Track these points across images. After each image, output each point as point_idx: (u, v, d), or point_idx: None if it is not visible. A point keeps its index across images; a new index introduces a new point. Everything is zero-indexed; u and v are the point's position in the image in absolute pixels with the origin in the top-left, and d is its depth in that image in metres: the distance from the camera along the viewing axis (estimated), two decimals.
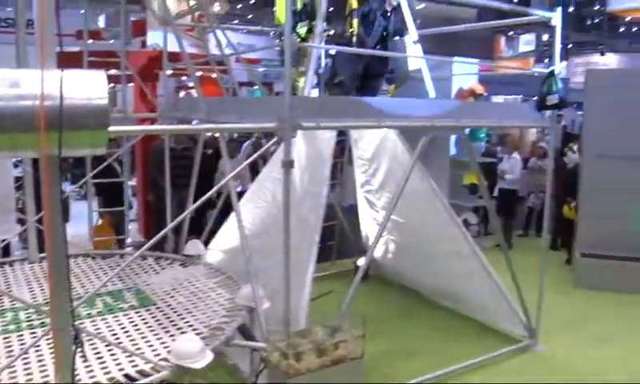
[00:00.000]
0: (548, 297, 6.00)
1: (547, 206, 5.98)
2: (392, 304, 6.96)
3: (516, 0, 11.55)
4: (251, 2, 26.15)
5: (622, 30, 31.27)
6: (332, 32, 5.75)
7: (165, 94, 7.14)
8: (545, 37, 21.55)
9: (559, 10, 5.70)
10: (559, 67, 5.91)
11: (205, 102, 5.10)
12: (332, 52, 5.39)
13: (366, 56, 4.98)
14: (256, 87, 14.48)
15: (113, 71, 7.09)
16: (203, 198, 3.94)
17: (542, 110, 5.64)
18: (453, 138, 8.49)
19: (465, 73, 7.92)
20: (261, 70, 16.13)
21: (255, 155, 4.41)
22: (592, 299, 7.44)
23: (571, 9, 27.12)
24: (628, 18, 22.56)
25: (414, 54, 5.52)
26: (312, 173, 4.75)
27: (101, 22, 16.35)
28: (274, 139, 4.40)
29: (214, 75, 6.15)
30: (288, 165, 3.74)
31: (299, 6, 5.40)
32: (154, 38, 10.62)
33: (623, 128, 7.86)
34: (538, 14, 5.82)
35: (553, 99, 5.57)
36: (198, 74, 10.87)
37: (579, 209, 8.45)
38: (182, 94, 13.82)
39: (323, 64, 5.38)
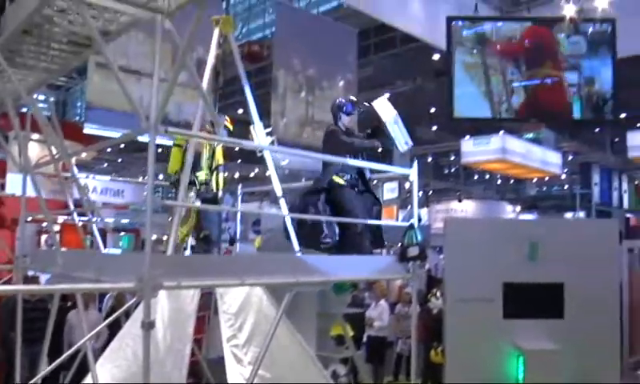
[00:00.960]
0: None
1: (414, 351, 6.15)
2: None
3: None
4: (120, 147, 26.06)
5: (476, 177, 34.91)
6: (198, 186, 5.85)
7: (22, 243, 6.68)
8: (407, 184, 23.36)
9: (415, 165, 6.25)
10: (422, 213, 6.39)
11: (62, 255, 4.84)
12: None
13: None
14: (123, 233, 14.06)
15: None
16: (57, 361, 3.62)
17: (404, 261, 5.94)
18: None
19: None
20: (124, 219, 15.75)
21: (118, 313, 4.20)
22: None
23: (430, 159, 29.94)
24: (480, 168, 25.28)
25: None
26: (175, 329, 4.58)
27: None
28: (135, 298, 4.23)
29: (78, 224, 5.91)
30: (148, 326, 3.58)
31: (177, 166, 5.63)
32: (13, 181, 10.19)
33: (479, 272, 8.45)
34: (397, 171, 6.34)
35: (413, 251, 5.90)
36: (60, 220, 10.46)
37: (445, 353, 8.74)
38: (43, 238, 13.07)
39: None
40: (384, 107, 5.80)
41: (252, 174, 30.31)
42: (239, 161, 28.59)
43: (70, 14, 4.05)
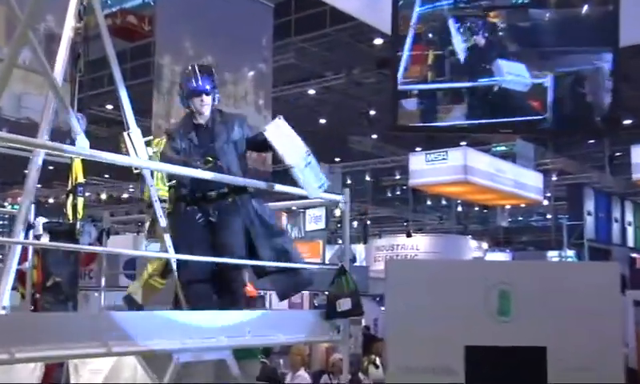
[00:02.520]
0: None
1: None
2: None
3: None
4: None
5: (429, 203, 35.61)
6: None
7: None
8: (337, 211, 23.57)
9: (347, 191, 6.30)
10: (357, 251, 6.44)
11: None
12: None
13: None
14: None
15: None
16: None
17: (333, 318, 5.94)
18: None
19: None
20: None
21: None
22: None
23: (368, 178, 30.35)
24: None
25: None
26: None
27: None
28: None
29: None
30: None
31: None
32: None
33: (433, 332, 8.58)
34: (325, 197, 6.37)
35: (345, 304, 5.90)
36: None
37: None
38: None
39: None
40: (282, 135, 5.49)
41: (125, 195, 29.77)
42: (106, 176, 28.01)
43: None
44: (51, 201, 29.66)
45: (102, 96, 19.12)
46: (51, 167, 6.32)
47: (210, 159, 5.38)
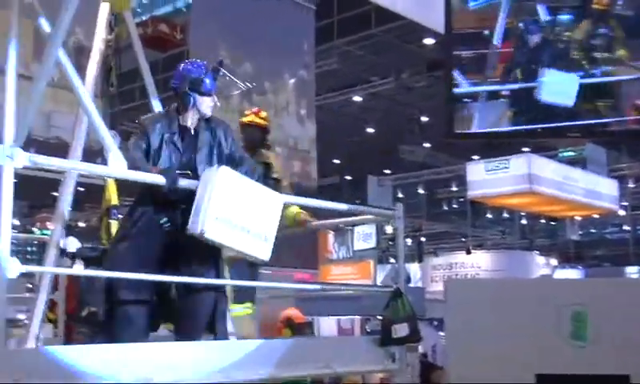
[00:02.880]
0: None
1: None
2: None
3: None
4: None
5: (490, 216, 35.23)
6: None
7: None
8: (389, 228, 23.47)
9: (400, 206, 6.27)
10: (412, 271, 6.40)
11: None
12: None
13: None
14: None
15: None
16: None
17: (388, 345, 5.92)
18: None
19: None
20: None
21: None
22: None
23: (421, 191, 30.24)
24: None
25: None
26: None
27: None
28: None
29: None
30: None
31: None
32: None
33: (499, 358, 8.45)
34: (377, 211, 6.36)
35: (401, 330, 5.88)
36: None
37: None
38: None
39: None
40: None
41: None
42: None
43: None
44: (82, 224, 30.10)
45: (134, 110, 19.36)
46: (82, 189, 6.40)
47: (190, 172, 4.82)
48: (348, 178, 29.79)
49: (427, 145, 26.25)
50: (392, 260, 30.81)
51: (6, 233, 3.34)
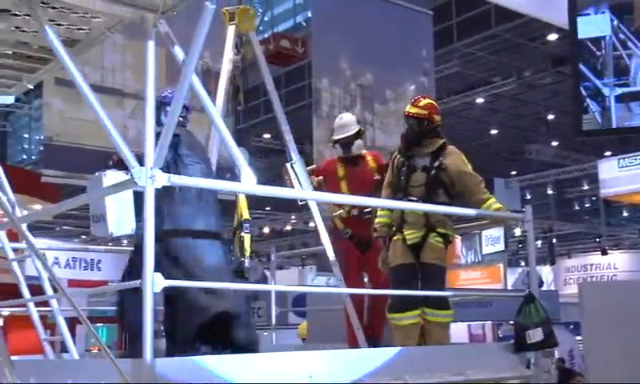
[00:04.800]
0: None
1: None
2: None
3: None
4: None
5: (625, 214, 34.02)
6: None
7: None
8: (517, 230, 23.04)
9: (529, 208, 6.18)
10: (544, 274, 6.29)
11: (11, 370, 4.90)
12: None
13: None
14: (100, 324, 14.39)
15: None
16: None
17: (522, 351, 5.85)
18: None
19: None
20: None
21: None
22: None
23: (550, 191, 29.55)
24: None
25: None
26: None
27: None
28: None
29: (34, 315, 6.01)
30: None
31: None
32: None
33: (636, 362, 8.13)
34: (504, 215, 6.31)
35: (536, 335, 5.79)
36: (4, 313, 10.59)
37: None
38: None
39: None
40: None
41: (288, 228, 30.50)
42: (267, 209, 28.85)
43: (18, 16, 4.17)
44: None
45: (259, 125, 19.85)
46: None
47: None
48: None
49: (555, 143, 25.63)
50: (522, 263, 30.29)
51: (150, 249, 3.50)
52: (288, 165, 6.07)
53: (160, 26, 3.90)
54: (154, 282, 3.47)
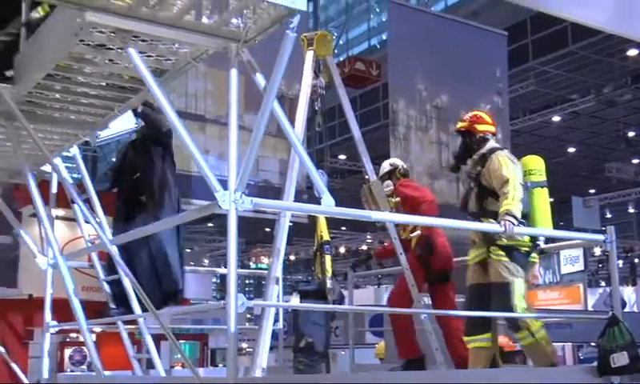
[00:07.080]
0: None
1: None
2: None
3: None
4: None
5: None
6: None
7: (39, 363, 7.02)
8: (597, 249, 22.51)
9: (611, 229, 6.05)
10: (626, 295, 6.13)
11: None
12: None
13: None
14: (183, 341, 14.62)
15: None
16: None
17: (607, 375, 5.71)
18: None
19: None
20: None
21: None
22: None
23: (632, 210, 28.81)
24: None
25: None
26: None
27: None
28: None
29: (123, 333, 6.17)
30: None
31: None
32: (27, 279, 10.93)
33: None
34: (585, 237, 6.19)
35: (620, 359, 5.64)
36: (97, 329, 10.90)
37: None
38: (68, 352, 13.80)
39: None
40: None
41: (363, 247, 30.50)
42: (343, 229, 28.92)
43: (111, 49, 4.38)
44: (292, 258, 31.33)
45: (335, 147, 19.95)
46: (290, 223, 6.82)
47: None
48: (550, 199, 28.84)
49: (636, 161, 25.05)
50: (602, 283, 29.58)
51: (233, 270, 3.59)
52: (366, 186, 6.11)
53: (242, 54, 4.02)
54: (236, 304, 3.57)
